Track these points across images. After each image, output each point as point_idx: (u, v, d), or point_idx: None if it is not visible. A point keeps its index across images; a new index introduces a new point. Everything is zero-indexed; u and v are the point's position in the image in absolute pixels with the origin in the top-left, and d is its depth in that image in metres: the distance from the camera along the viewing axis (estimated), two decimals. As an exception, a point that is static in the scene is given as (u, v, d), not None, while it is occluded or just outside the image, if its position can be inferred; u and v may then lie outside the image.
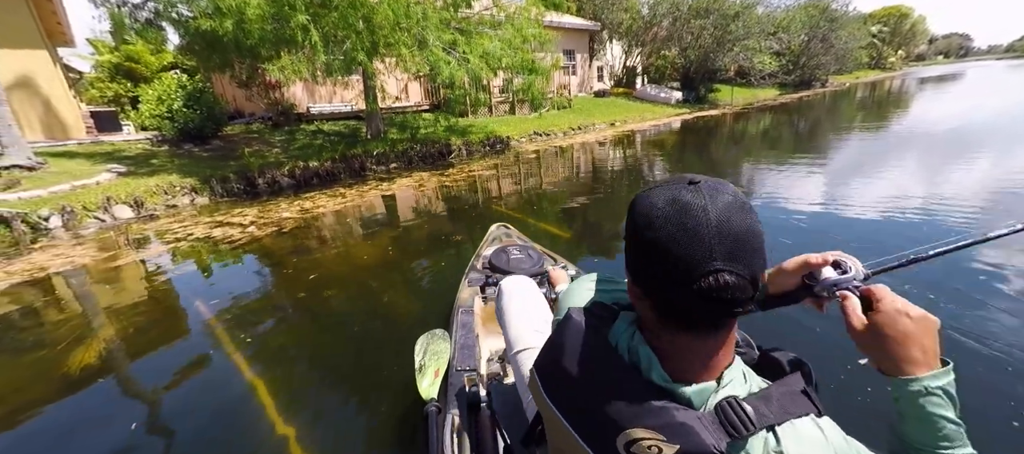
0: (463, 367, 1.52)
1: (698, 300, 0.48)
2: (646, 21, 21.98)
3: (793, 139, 10.24)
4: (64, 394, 2.24)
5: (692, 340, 0.52)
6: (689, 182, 0.50)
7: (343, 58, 6.79)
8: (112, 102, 14.76)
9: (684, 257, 0.47)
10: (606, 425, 0.53)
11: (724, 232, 0.47)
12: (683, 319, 0.51)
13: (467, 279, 2.21)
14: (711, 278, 0.46)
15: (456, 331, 1.76)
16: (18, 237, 5.09)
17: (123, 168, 7.21)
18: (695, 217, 0.47)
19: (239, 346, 2.55)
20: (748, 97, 24.84)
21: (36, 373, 2.47)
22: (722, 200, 0.48)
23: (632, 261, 0.54)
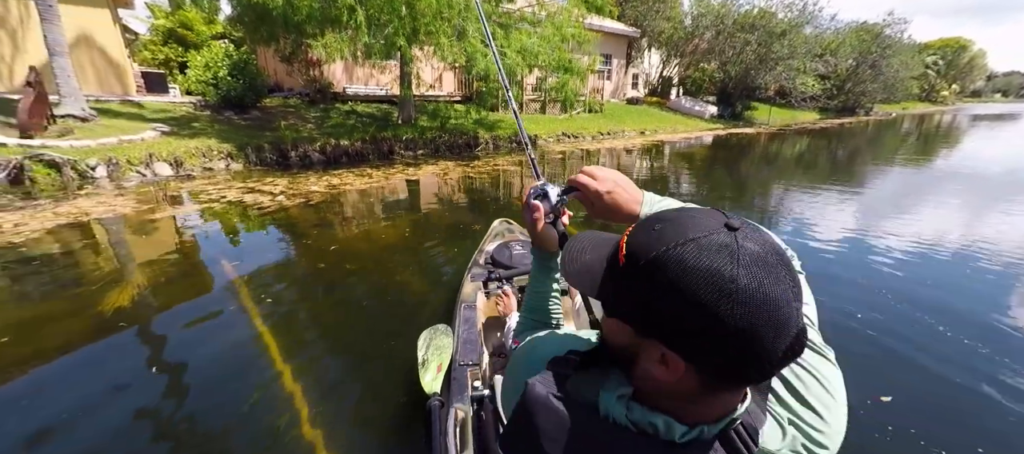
0: (466, 361, 1.53)
1: (787, 359, 0.43)
2: (688, 32, 21.55)
3: (829, 166, 9.88)
4: (95, 330, 2.36)
5: (735, 394, 0.47)
6: (727, 227, 0.43)
7: (384, 42, 6.90)
8: (162, 65, 15.44)
9: (784, 321, 0.40)
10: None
11: (794, 276, 0.42)
12: (744, 380, 0.46)
13: (470, 274, 2.22)
14: (802, 337, 0.42)
15: (459, 326, 1.77)
16: (66, 182, 5.39)
17: (167, 128, 7.54)
18: (777, 273, 0.40)
19: (258, 306, 2.64)
20: (786, 118, 24.08)
21: (72, 308, 2.62)
22: (771, 241, 0.44)
23: (684, 338, 0.43)
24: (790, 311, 0.40)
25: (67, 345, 2.23)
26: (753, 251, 0.41)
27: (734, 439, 0.46)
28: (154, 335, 2.36)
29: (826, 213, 5.31)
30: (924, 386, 2.12)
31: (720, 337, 0.40)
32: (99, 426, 1.70)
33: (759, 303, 0.39)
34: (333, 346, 2.34)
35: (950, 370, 2.20)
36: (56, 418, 1.72)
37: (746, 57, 20.85)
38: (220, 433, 1.70)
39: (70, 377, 2.00)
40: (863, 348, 2.41)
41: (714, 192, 6.93)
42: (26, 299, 2.73)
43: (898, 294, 3.05)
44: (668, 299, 0.42)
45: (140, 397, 1.87)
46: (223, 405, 1.84)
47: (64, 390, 1.90)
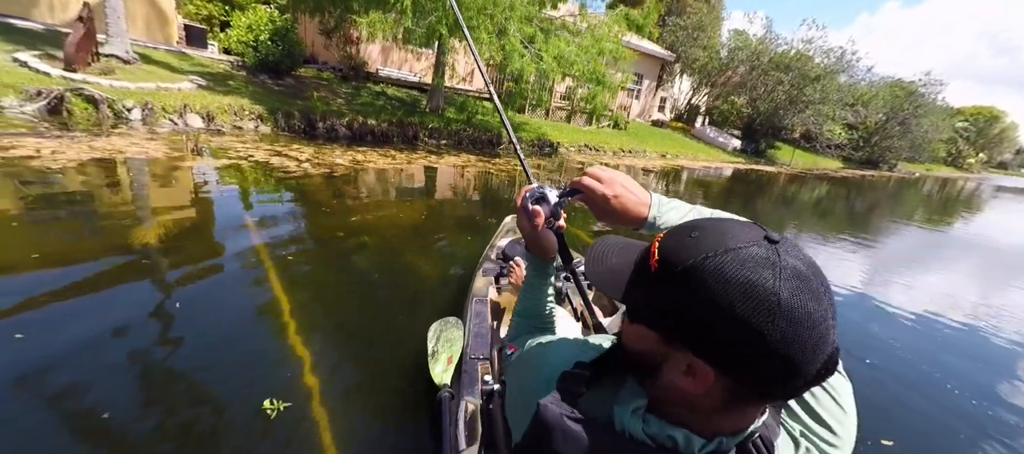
0: (477, 355, 1.52)
1: (822, 375, 0.42)
2: (722, 63, 21.49)
3: (846, 215, 9.77)
4: (114, 265, 2.41)
5: (757, 409, 0.47)
6: (767, 239, 0.42)
7: (425, 29, 6.97)
8: (205, 20, 15.72)
9: (825, 342, 0.40)
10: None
11: (830, 294, 0.42)
12: (772, 396, 0.45)
13: (482, 269, 2.23)
14: (834, 350, 0.42)
15: (470, 319, 1.77)
16: (102, 119, 5.51)
17: (203, 82, 7.68)
18: (817, 291, 0.40)
19: (275, 263, 2.68)
20: (808, 162, 23.85)
21: (98, 239, 2.68)
22: (808, 259, 0.42)
23: (720, 350, 0.42)
24: (827, 330, 0.40)
25: (87, 275, 2.28)
26: (795, 266, 0.40)
27: (751, 452, 0.45)
28: (168, 280, 2.40)
29: (841, 260, 5.29)
30: (927, 435, 2.15)
31: (757, 352, 0.39)
32: (102, 362, 1.72)
33: (799, 320, 0.38)
34: (342, 321, 2.35)
35: (954, 424, 2.24)
36: (63, 347, 1.76)
37: (777, 96, 20.72)
38: (221, 394, 1.69)
39: (85, 308, 2.04)
40: (871, 391, 2.42)
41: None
42: (58, 222, 2.80)
43: (908, 347, 3.07)
44: (705, 309, 0.41)
45: (142, 340, 1.89)
46: (228, 364, 1.86)
47: (76, 320, 1.93)
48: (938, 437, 2.15)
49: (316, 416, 1.60)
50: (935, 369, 2.78)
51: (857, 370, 2.61)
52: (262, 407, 1.58)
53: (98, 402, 1.51)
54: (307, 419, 1.59)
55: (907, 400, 2.41)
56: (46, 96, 5.27)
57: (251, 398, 1.62)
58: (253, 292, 2.39)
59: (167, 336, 1.93)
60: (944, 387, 2.57)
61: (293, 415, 1.58)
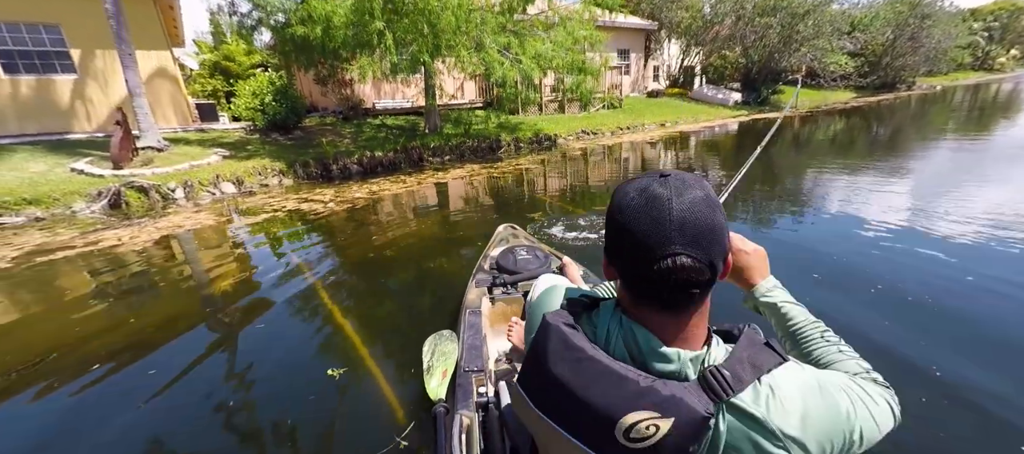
0: (471, 368, 1.52)
1: (659, 279, 0.53)
2: (707, 20, 21.33)
3: (867, 145, 9.54)
4: (201, 310, 3.04)
5: (666, 317, 0.57)
6: (661, 175, 0.56)
7: (409, 59, 7.58)
8: (210, 96, 16.92)
9: (647, 240, 0.53)
10: (602, 419, 0.54)
11: (686, 221, 0.52)
12: (653, 297, 0.56)
13: (474, 280, 2.23)
14: (669, 260, 0.52)
15: (463, 332, 1.76)
16: (153, 204, 6.33)
17: (226, 152, 8.51)
18: (659, 207, 0.53)
19: (322, 284, 3.27)
20: (816, 100, 23.32)
21: (188, 301, 3.33)
22: (689, 195, 0.54)
23: (608, 243, 0.59)
24: (659, 236, 0.52)
25: (182, 320, 2.91)
26: (654, 190, 0.54)
27: (709, 378, 0.53)
28: (246, 307, 3.01)
29: (873, 194, 5.11)
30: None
31: (614, 233, 0.57)
32: (220, 363, 2.36)
33: (637, 214, 0.54)
34: (378, 314, 2.90)
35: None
36: (203, 369, 2.37)
37: (769, 40, 20.42)
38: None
39: (189, 343, 2.66)
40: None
41: (747, 177, 6.95)
42: (150, 289, 3.47)
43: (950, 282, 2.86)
44: (607, 215, 0.59)
45: (244, 348, 2.52)
46: (301, 352, 2.43)
47: (183, 353, 2.55)
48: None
49: (364, 373, 2.24)
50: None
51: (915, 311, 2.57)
52: (327, 373, 2.21)
53: (217, 388, 2.09)
54: (357, 376, 2.22)
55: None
56: (105, 194, 6.12)
57: (320, 369, 2.26)
58: (309, 306, 3.00)
59: (257, 343, 2.53)
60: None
61: (348, 376, 2.21)
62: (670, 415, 0.51)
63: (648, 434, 0.51)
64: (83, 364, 2.40)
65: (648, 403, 0.52)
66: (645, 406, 0.52)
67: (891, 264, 3.21)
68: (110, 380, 2.27)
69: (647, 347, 0.57)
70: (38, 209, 5.80)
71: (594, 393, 0.55)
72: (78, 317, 3.01)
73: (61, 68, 9.06)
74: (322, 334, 2.68)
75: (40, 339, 2.74)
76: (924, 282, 2.88)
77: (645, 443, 0.52)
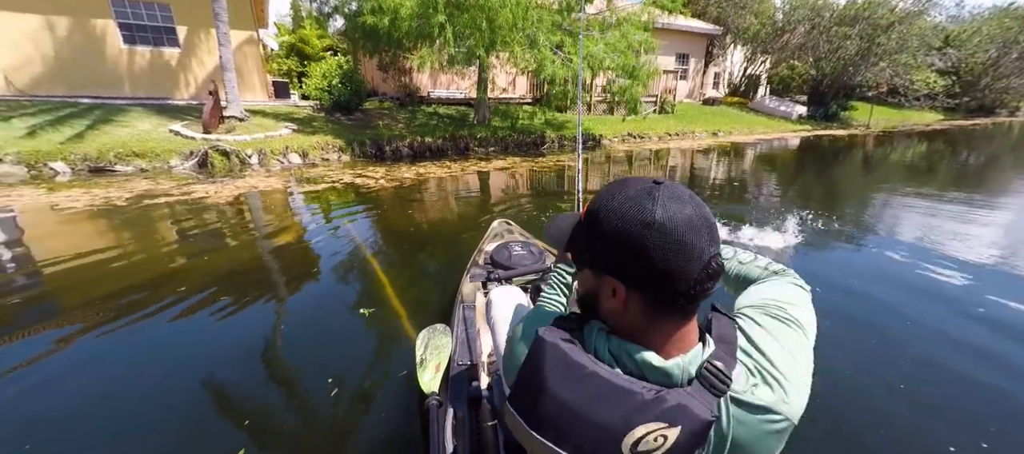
0: (464, 362, 1.53)
1: (704, 281, 0.54)
2: (778, 27, 20.22)
3: (952, 174, 8.55)
4: (274, 252, 3.58)
5: (678, 324, 0.57)
6: (654, 182, 0.56)
7: (466, 52, 8.00)
8: (285, 74, 18.42)
9: (698, 251, 0.53)
10: (608, 435, 0.52)
11: (709, 222, 0.55)
12: (676, 310, 0.56)
13: (469, 275, 2.27)
14: (714, 262, 0.55)
15: (457, 326, 1.79)
16: (233, 166, 7.21)
17: (295, 126, 9.39)
18: (691, 216, 0.53)
19: (365, 246, 3.72)
20: (894, 119, 21.49)
21: (256, 247, 3.91)
22: (689, 195, 0.55)
23: (633, 274, 0.55)
24: (699, 238, 0.53)
25: (250, 262, 3.46)
26: (671, 194, 0.54)
27: (707, 375, 0.54)
28: (303, 257, 3.52)
29: (955, 227, 4.52)
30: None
31: (645, 259, 0.53)
32: (266, 307, 2.82)
33: (670, 231, 0.52)
34: (411, 273, 3.28)
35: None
36: (246, 300, 2.87)
37: (845, 52, 19.05)
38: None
39: (255, 280, 3.18)
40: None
41: (802, 196, 6.43)
42: (228, 235, 4.10)
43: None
44: (608, 236, 0.55)
45: (298, 292, 2.98)
46: (341, 295, 2.86)
47: (250, 288, 3.07)
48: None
49: (391, 312, 2.61)
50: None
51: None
52: (359, 312, 2.63)
53: (276, 315, 2.55)
54: (384, 314, 2.63)
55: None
56: (196, 155, 7.05)
57: (354, 309, 2.69)
58: (353, 261, 3.47)
59: (307, 288, 3.01)
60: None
61: (377, 314, 2.62)
62: (677, 424, 0.51)
63: (656, 446, 0.51)
64: (174, 291, 2.96)
65: (654, 415, 0.51)
66: (651, 418, 0.51)
67: (970, 319, 2.68)
68: (193, 304, 2.80)
69: (646, 367, 0.56)
70: (143, 162, 6.82)
71: (598, 410, 0.53)
72: (171, 251, 3.68)
73: (168, 42, 10.38)
74: (360, 282, 3.13)
75: (145, 265, 3.39)
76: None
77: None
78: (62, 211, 4.58)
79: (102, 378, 2.05)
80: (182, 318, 2.60)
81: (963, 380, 2.10)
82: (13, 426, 1.75)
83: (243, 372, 2.13)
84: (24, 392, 1.94)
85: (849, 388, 2.04)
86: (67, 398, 1.91)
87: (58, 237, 3.94)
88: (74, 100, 9.29)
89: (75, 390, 1.97)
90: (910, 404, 1.94)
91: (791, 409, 0.56)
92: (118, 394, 1.96)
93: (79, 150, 6.56)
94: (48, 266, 3.25)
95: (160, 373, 2.10)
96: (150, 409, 1.86)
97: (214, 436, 1.72)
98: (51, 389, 1.96)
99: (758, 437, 0.55)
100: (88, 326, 2.46)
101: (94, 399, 1.91)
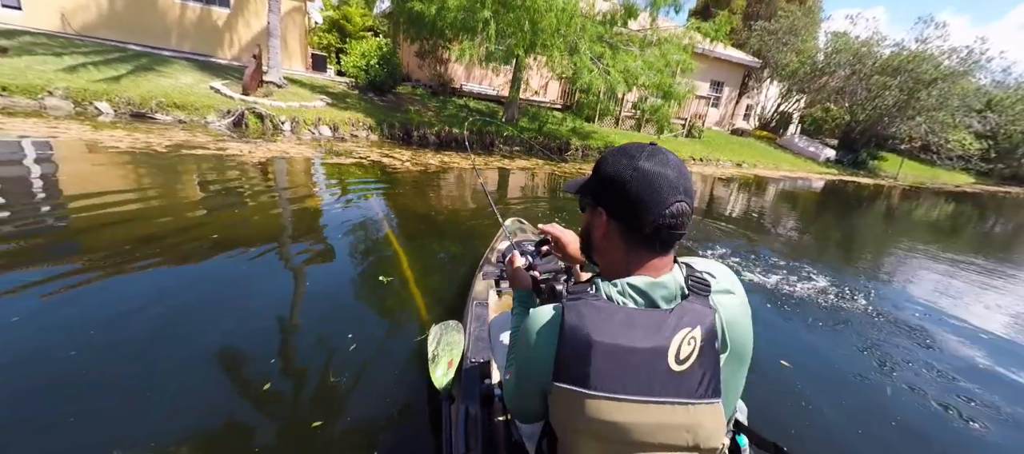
0: (477, 359, 1.53)
1: (667, 223, 0.67)
2: (818, 68, 19.93)
3: (977, 238, 8.46)
4: (296, 214, 3.69)
5: (658, 257, 0.71)
6: (651, 144, 0.70)
7: (505, 50, 8.09)
8: (324, 48, 18.75)
9: (661, 193, 0.66)
10: (658, 355, 0.62)
11: (684, 176, 0.68)
12: (654, 241, 0.69)
13: (482, 273, 2.27)
14: (676, 205, 0.67)
15: (470, 323, 1.79)
16: (266, 130, 7.39)
17: (329, 100, 9.58)
18: (664, 167, 0.67)
19: (387, 220, 3.81)
20: (923, 175, 21.06)
21: (284, 208, 4.02)
22: (675, 158, 0.69)
23: (611, 204, 0.71)
24: (673, 190, 0.66)
25: (277, 221, 3.57)
26: (657, 153, 0.69)
27: (695, 284, 0.69)
28: (326, 223, 3.61)
29: (975, 291, 4.43)
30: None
31: (622, 190, 0.68)
32: (296, 264, 2.91)
33: (650, 177, 0.67)
34: (425, 247, 3.35)
35: None
36: (270, 254, 2.97)
37: (883, 103, 18.73)
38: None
39: (280, 237, 3.29)
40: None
41: (819, 239, 6.42)
42: (259, 193, 4.23)
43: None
44: (603, 176, 0.72)
45: (319, 255, 3.07)
46: (361, 262, 2.93)
47: (276, 245, 3.17)
48: None
49: (408, 294, 2.66)
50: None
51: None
52: (378, 279, 2.74)
53: (300, 273, 2.64)
54: (401, 284, 2.73)
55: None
56: (233, 114, 7.25)
57: (374, 276, 2.79)
58: (374, 231, 3.57)
59: (330, 252, 3.09)
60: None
61: (394, 283, 2.71)
62: (697, 324, 0.64)
63: (690, 348, 0.62)
64: (204, 239, 3.08)
65: (681, 325, 0.63)
66: (680, 327, 0.63)
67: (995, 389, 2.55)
68: (225, 255, 2.91)
69: (648, 286, 0.68)
70: (182, 113, 7.03)
71: (641, 338, 0.63)
72: (204, 200, 3.81)
73: (220, 2, 10.66)
74: (379, 251, 3.23)
75: (180, 208, 3.53)
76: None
77: (691, 358, 0.63)
78: (107, 149, 4.77)
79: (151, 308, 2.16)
80: (209, 262, 2.73)
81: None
82: (51, 364, 1.73)
83: (261, 331, 2.16)
84: (56, 318, 2.05)
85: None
86: (120, 321, 2.02)
87: (104, 172, 4.11)
88: (123, 45, 9.61)
89: (136, 309, 2.10)
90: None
91: (741, 291, 0.75)
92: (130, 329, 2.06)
93: (124, 94, 6.79)
94: (93, 198, 3.40)
95: (193, 313, 2.21)
96: (166, 349, 1.96)
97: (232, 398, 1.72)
98: (112, 315, 2.07)
99: (735, 315, 0.71)
100: (125, 260, 2.58)
101: (134, 320, 2.02)
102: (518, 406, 0.80)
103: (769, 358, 2.53)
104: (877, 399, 2.33)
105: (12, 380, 1.62)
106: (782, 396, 2.21)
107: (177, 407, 1.62)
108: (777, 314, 3.22)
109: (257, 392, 1.75)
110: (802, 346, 2.82)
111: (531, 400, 0.75)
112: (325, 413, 1.70)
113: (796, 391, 2.25)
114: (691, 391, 0.62)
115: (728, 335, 0.69)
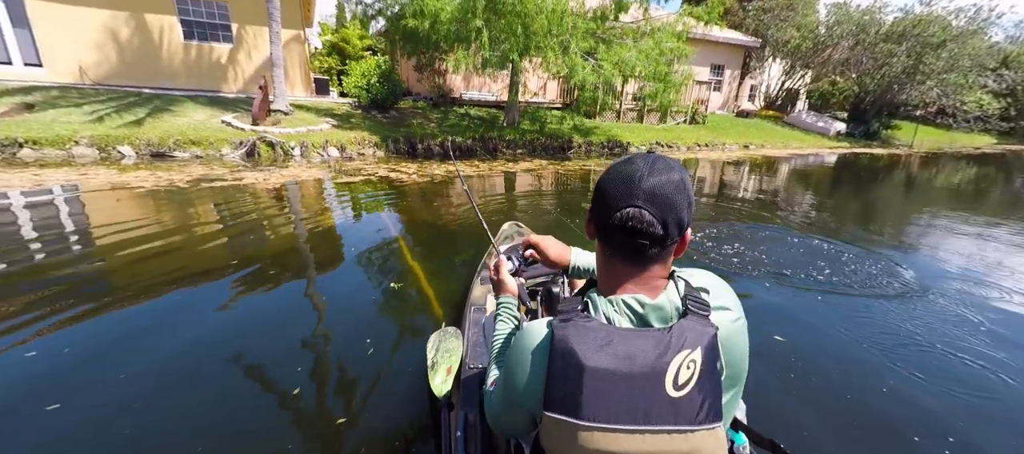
0: (475, 365, 1.52)
1: (619, 224, 0.64)
2: (820, 42, 19.59)
3: (1004, 200, 8.28)
4: (311, 235, 3.88)
5: (630, 267, 0.68)
6: (648, 151, 0.70)
7: (500, 55, 8.26)
8: (325, 72, 19.24)
9: (616, 192, 0.64)
10: (654, 381, 0.58)
11: (653, 188, 0.63)
12: (617, 245, 0.67)
13: (479, 277, 2.28)
14: (629, 209, 0.63)
15: (468, 329, 1.78)
16: (277, 157, 7.68)
17: (334, 122, 9.87)
18: (633, 173, 0.64)
19: (401, 236, 3.96)
20: (940, 140, 20.48)
21: (299, 229, 4.22)
22: (662, 174, 0.63)
23: (592, 203, 0.70)
24: (631, 184, 0.64)
25: (293, 241, 3.76)
26: (634, 162, 0.66)
27: (694, 303, 0.65)
28: (342, 238, 3.79)
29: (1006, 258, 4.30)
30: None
31: (598, 191, 0.69)
32: (293, 291, 3.07)
33: (613, 176, 0.67)
34: (436, 254, 3.49)
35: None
36: (291, 273, 3.14)
37: (891, 70, 18.30)
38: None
39: (296, 256, 3.47)
40: None
41: (835, 214, 6.15)
42: (276, 216, 4.44)
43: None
44: (598, 187, 0.70)
45: (338, 267, 3.23)
46: (375, 272, 3.09)
47: (293, 264, 3.35)
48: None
49: (418, 291, 2.77)
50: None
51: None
52: (390, 286, 2.88)
53: (301, 302, 2.81)
54: (411, 290, 2.87)
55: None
56: (245, 145, 7.56)
57: (386, 282, 2.95)
58: (386, 242, 3.72)
59: (344, 264, 3.25)
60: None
61: (403, 289, 2.87)
62: (697, 346, 0.59)
63: (689, 371, 0.58)
64: (228, 265, 3.28)
65: (679, 347, 0.59)
66: (678, 350, 0.58)
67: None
68: (248, 273, 3.10)
69: (644, 306, 0.65)
70: (198, 149, 7.36)
71: (636, 362, 0.58)
72: (224, 230, 4.04)
73: (222, 38, 11.11)
74: (392, 261, 3.38)
75: (206, 238, 3.75)
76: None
77: (690, 383, 0.58)
78: (134, 189, 5.06)
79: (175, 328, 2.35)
80: (231, 288, 2.91)
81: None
82: (80, 388, 1.91)
83: (278, 345, 2.30)
84: (101, 350, 2.25)
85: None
86: (149, 341, 2.21)
87: (134, 209, 4.39)
88: (137, 90, 10.08)
89: (170, 329, 2.28)
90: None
91: (738, 306, 0.71)
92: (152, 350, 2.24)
93: (143, 136, 7.16)
94: (127, 233, 3.64)
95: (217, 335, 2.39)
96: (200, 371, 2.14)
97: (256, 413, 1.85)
98: (141, 339, 2.27)
99: (730, 333, 0.67)
100: (159, 287, 2.79)
101: (151, 341, 2.21)
102: (503, 424, 0.79)
103: (807, 351, 2.40)
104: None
105: (80, 403, 1.82)
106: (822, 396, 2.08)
107: (225, 409, 1.82)
108: (794, 299, 3.26)
109: (285, 398, 1.91)
110: (822, 335, 2.62)
111: (516, 421, 0.74)
112: (346, 415, 1.83)
113: (836, 392, 2.10)
114: (690, 417, 0.58)
115: (723, 356, 0.64)
